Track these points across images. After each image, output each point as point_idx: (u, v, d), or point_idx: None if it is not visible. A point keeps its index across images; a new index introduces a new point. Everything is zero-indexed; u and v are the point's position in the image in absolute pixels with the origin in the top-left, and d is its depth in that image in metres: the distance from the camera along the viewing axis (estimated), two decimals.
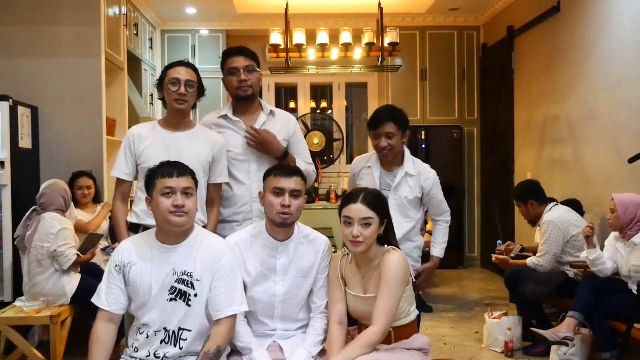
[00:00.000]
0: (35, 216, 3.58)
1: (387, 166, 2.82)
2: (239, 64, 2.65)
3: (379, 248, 2.19)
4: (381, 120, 2.71)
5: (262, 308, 2.27)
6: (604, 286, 3.30)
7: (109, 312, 2.13)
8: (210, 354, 2.02)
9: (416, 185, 2.78)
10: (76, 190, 4.10)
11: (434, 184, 2.83)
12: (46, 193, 3.62)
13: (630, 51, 4.14)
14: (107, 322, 2.13)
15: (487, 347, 3.95)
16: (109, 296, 2.14)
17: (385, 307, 2.05)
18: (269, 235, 2.27)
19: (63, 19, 4.55)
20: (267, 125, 2.71)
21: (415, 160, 2.85)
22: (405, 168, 2.78)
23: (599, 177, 4.57)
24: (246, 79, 2.65)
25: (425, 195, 2.82)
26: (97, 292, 2.18)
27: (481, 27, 7.11)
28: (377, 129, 2.71)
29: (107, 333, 2.12)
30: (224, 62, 2.72)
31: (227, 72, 2.70)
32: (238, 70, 2.65)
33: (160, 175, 2.11)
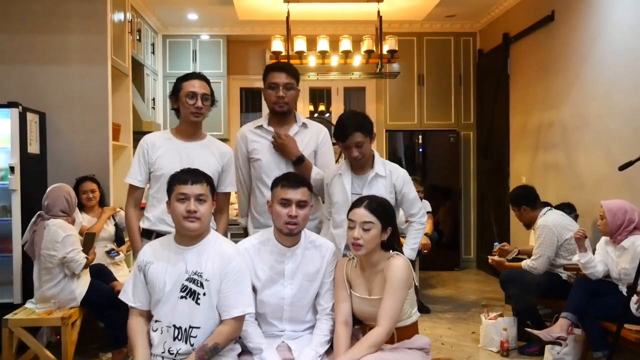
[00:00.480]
0: (40, 222, 3.67)
1: (357, 171, 2.82)
2: (279, 80, 2.81)
3: (383, 253, 2.31)
4: (348, 131, 2.71)
5: (271, 310, 2.39)
6: (595, 288, 3.43)
7: (137, 309, 2.29)
8: (207, 347, 2.16)
9: (388, 184, 2.79)
10: (81, 195, 4.19)
11: (405, 182, 2.82)
12: (50, 195, 3.72)
13: (622, 61, 4.28)
14: (137, 316, 2.30)
15: (483, 347, 4.08)
16: (135, 294, 2.30)
17: (390, 309, 2.18)
18: (277, 242, 2.39)
19: (71, 28, 4.66)
20: (298, 137, 2.88)
21: (385, 162, 2.88)
22: (375, 169, 2.79)
23: (591, 181, 4.71)
24: (284, 96, 2.81)
25: (397, 193, 2.81)
26: (124, 289, 2.35)
27: (477, 34, 7.25)
28: (345, 141, 2.73)
29: (141, 324, 2.29)
30: (266, 75, 2.88)
31: (268, 86, 2.85)
32: (278, 86, 2.81)
33: (177, 182, 2.25)
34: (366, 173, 2.78)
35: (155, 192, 2.77)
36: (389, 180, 2.78)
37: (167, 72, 7.11)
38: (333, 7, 5.83)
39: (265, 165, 2.87)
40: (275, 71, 2.84)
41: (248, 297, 2.26)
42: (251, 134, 2.93)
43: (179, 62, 7.13)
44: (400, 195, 2.80)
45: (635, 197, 4.11)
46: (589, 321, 3.38)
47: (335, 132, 2.79)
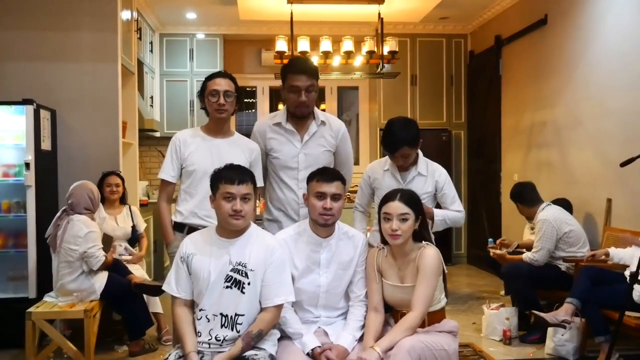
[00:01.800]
0: (65, 216, 3.76)
1: (402, 168, 3.03)
2: (301, 83, 2.76)
3: (414, 243, 2.47)
4: (397, 145, 2.87)
5: (308, 298, 2.52)
6: (599, 276, 3.63)
7: (181, 298, 2.38)
8: (252, 334, 2.28)
9: (430, 182, 2.98)
10: (105, 188, 4.26)
11: (447, 181, 3.03)
12: (73, 193, 3.79)
13: (614, 63, 4.51)
14: (182, 306, 2.39)
15: (486, 336, 4.26)
16: (178, 284, 2.39)
17: (424, 295, 2.34)
18: (313, 233, 2.53)
19: (82, 25, 4.73)
20: (317, 135, 2.91)
21: (428, 162, 3.06)
22: (418, 168, 2.99)
23: (584, 179, 4.94)
24: (305, 101, 2.79)
25: (438, 190, 3.01)
26: (167, 281, 2.43)
27: (468, 35, 7.47)
28: (394, 153, 2.88)
29: (187, 313, 2.38)
30: (285, 75, 2.83)
31: (289, 89, 2.80)
32: (300, 90, 2.76)
33: (224, 180, 2.34)
34: (409, 170, 2.96)
35: (187, 187, 2.87)
36: (430, 178, 2.97)
37: (164, 71, 7.18)
38: (335, 8, 5.96)
39: (283, 163, 2.91)
40: (296, 74, 2.77)
41: (289, 286, 2.39)
42: (270, 130, 2.94)
43: (176, 61, 7.21)
44: (441, 193, 3.00)
45: (627, 194, 4.35)
46: (591, 308, 3.56)
47: (385, 140, 2.90)
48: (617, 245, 4.25)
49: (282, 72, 2.88)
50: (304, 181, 2.71)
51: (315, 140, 2.93)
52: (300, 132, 2.91)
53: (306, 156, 2.89)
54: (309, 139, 2.91)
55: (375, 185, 3.11)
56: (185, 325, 2.34)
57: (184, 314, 2.37)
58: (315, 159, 2.88)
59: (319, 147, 2.93)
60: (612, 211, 4.54)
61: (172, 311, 2.42)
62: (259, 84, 7.86)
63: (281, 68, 2.92)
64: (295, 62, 2.92)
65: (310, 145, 2.91)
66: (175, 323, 2.39)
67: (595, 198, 4.74)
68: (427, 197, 2.96)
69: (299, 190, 2.85)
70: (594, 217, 4.77)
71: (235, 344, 2.27)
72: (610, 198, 4.55)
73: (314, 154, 2.90)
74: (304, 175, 2.74)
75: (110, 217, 4.24)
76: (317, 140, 2.93)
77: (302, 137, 2.91)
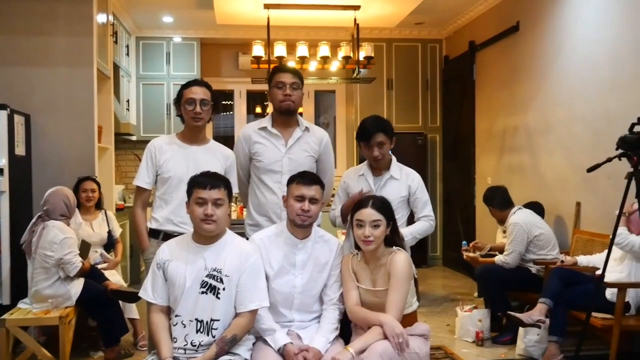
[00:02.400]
0: (40, 222, 3.74)
1: (376, 172, 3.06)
2: (286, 79, 2.91)
3: (386, 248, 2.53)
4: (372, 131, 2.94)
5: (282, 299, 2.57)
6: (570, 277, 3.73)
7: (157, 305, 2.41)
8: (226, 339, 2.33)
9: (403, 186, 3.02)
10: (80, 193, 4.23)
11: (420, 186, 3.07)
12: (49, 199, 3.77)
13: (583, 71, 4.63)
14: (158, 312, 2.41)
15: (459, 338, 4.34)
16: (155, 291, 2.42)
17: (397, 300, 2.41)
18: (290, 234, 2.58)
19: (57, 30, 4.70)
20: (301, 140, 2.99)
21: (401, 166, 3.12)
22: (390, 172, 3.03)
23: (554, 183, 5.06)
24: (290, 94, 2.90)
25: (411, 195, 3.04)
26: (144, 287, 2.46)
27: (443, 41, 7.58)
28: (369, 140, 2.95)
29: (163, 319, 2.40)
30: (272, 76, 2.97)
31: (274, 85, 2.93)
32: (285, 85, 2.90)
33: (196, 186, 2.39)
34: (382, 175, 3.00)
35: (162, 193, 2.89)
36: (404, 182, 3.00)
37: (141, 74, 7.16)
38: (311, 13, 6.01)
39: (267, 166, 2.97)
40: (281, 72, 2.96)
41: (263, 291, 2.44)
42: (255, 135, 3.00)
43: (152, 64, 7.19)
44: (414, 198, 3.02)
45: (595, 197, 4.47)
46: (560, 308, 3.66)
47: (359, 133, 2.99)
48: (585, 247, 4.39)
49: (269, 76, 3.02)
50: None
51: (299, 146, 3.00)
52: (285, 136, 2.98)
53: (290, 160, 2.95)
54: (294, 144, 2.98)
55: (348, 191, 3.14)
56: (161, 331, 2.37)
57: (160, 320, 2.40)
58: (299, 163, 2.94)
59: (303, 152, 3.00)
60: (581, 214, 4.66)
61: (148, 317, 2.44)
62: (236, 87, 7.87)
63: (269, 74, 3.05)
64: (280, 65, 3.13)
65: (295, 150, 2.98)
66: (151, 329, 2.41)
67: (565, 202, 4.86)
68: (402, 202, 3.00)
69: (281, 194, 2.88)
70: (563, 220, 4.90)
71: (209, 349, 2.30)
72: (579, 202, 4.67)
73: (297, 159, 2.97)
74: (287, 179, 2.81)
75: (86, 223, 4.21)
76: (301, 146, 3.00)
77: (287, 142, 2.98)
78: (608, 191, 4.21)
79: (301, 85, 2.97)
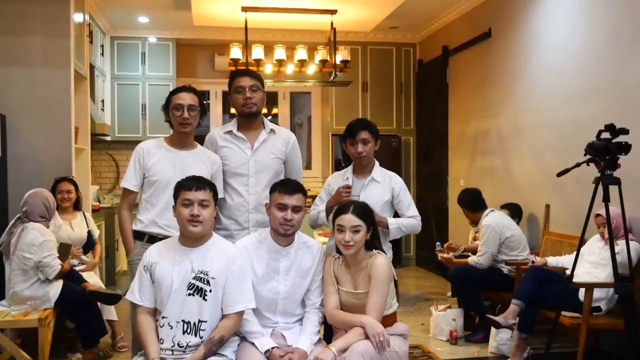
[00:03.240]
0: (20, 224, 3.72)
1: (359, 173, 3.14)
2: (245, 83, 2.92)
3: (366, 252, 2.61)
4: (357, 129, 3.04)
5: (266, 304, 2.62)
6: (544, 277, 3.86)
7: (144, 307, 2.44)
8: (214, 340, 2.38)
9: (386, 189, 3.10)
10: (56, 195, 4.20)
11: (402, 189, 3.16)
12: (28, 201, 3.76)
13: (553, 77, 4.80)
14: (145, 314, 2.45)
15: (433, 337, 4.46)
16: (141, 293, 2.45)
17: (377, 302, 2.49)
18: (273, 241, 2.63)
19: (33, 30, 4.66)
20: (267, 142, 3.01)
21: (383, 170, 3.19)
22: (372, 174, 3.11)
23: (525, 186, 5.22)
24: (251, 97, 2.91)
25: (395, 197, 3.13)
26: (130, 290, 2.49)
27: (417, 45, 7.72)
28: (354, 137, 3.03)
29: (149, 320, 2.44)
30: (232, 81, 2.99)
31: (234, 91, 2.95)
32: (244, 89, 2.90)
33: (182, 188, 2.44)
34: (365, 177, 3.08)
35: (148, 196, 2.92)
36: (387, 185, 3.08)
37: (116, 74, 7.12)
38: (288, 16, 6.07)
39: (233, 169, 2.99)
40: (239, 76, 2.98)
41: (250, 293, 2.49)
42: (221, 139, 3.03)
43: (127, 64, 7.15)
44: (397, 200, 3.10)
45: (563, 200, 4.64)
46: (530, 307, 3.79)
47: (345, 131, 3.07)
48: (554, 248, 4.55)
49: (229, 82, 3.03)
50: (254, 187, 2.89)
51: (265, 148, 3.02)
52: (250, 139, 3.01)
53: (256, 162, 2.98)
54: (259, 146, 3.00)
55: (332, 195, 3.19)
56: (149, 333, 2.40)
57: (147, 321, 2.43)
58: (265, 165, 2.99)
59: (269, 154, 3.03)
60: (550, 216, 4.83)
61: (135, 319, 2.47)
62: (212, 88, 7.88)
63: (228, 82, 3.05)
64: (238, 69, 3.12)
65: (261, 152, 3.01)
66: (138, 331, 2.44)
67: (535, 204, 5.02)
68: (385, 205, 3.08)
69: (248, 197, 2.94)
70: (534, 221, 5.06)
71: (197, 350, 2.35)
72: (548, 204, 4.84)
73: (263, 161, 3.00)
74: (254, 181, 2.90)
75: (65, 223, 4.20)
76: (267, 148, 3.03)
77: (253, 145, 3.00)
78: (576, 194, 4.37)
79: (261, 86, 2.97)
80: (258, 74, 3.06)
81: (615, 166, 3.09)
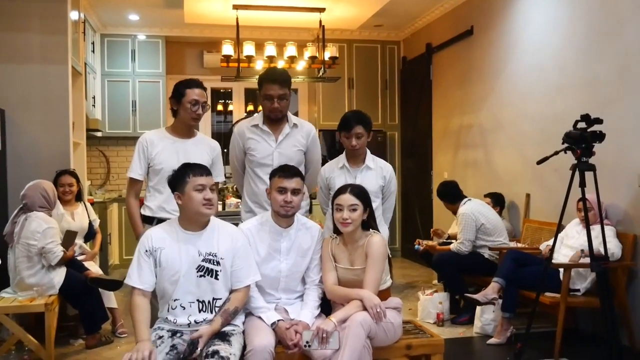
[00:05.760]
0: (22, 214, 3.85)
1: (352, 164, 3.33)
2: (274, 92, 3.10)
3: (363, 231, 2.81)
4: (352, 123, 3.23)
5: (270, 282, 2.81)
6: (522, 259, 4.11)
7: (142, 290, 2.55)
8: (230, 311, 2.57)
9: (379, 176, 3.34)
10: (58, 188, 4.33)
11: (392, 177, 3.41)
12: (27, 194, 3.89)
13: (532, 73, 5.04)
14: (141, 296, 2.55)
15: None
16: (141, 276, 2.55)
17: (373, 278, 2.69)
18: (274, 223, 2.82)
19: (32, 27, 4.80)
20: (290, 136, 3.25)
21: (375, 158, 3.42)
22: (366, 163, 3.33)
23: (506, 176, 5.47)
24: (278, 107, 3.13)
25: (385, 184, 3.37)
26: (129, 274, 2.58)
27: (401, 42, 7.94)
28: (349, 131, 3.22)
29: (144, 302, 2.54)
30: (261, 85, 3.16)
31: (263, 97, 3.15)
32: (272, 98, 3.11)
33: (192, 174, 2.58)
34: (359, 166, 3.30)
35: (155, 184, 3.11)
36: (379, 173, 3.33)
37: (106, 71, 7.23)
38: (278, 14, 6.24)
39: (259, 160, 3.23)
40: (269, 83, 3.12)
41: (254, 267, 2.69)
42: (248, 132, 3.26)
43: (117, 61, 7.27)
44: (386, 186, 3.37)
45: (542, 189, 4.89)
46: (512, 287, 4.04)
47: (341, 123, 3.26)
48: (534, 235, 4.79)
49: (259, 80, 3.23)
50: None
51: (288, 141, 3.26)
52: (275, 133, 3.24)
53: (280, 154, 3.22)
54: (283, 140, 3.24)
55: (331, 184, 3.37)
56: (141, 314, 2.50)
57: (142, 303, 2.52)
58: (288, 157, 3.20)
59: (292, 146, 3.27)
60: (531, 205, 5.08)
61: (131, 300, 2.54)
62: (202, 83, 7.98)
63: (259, 77, 3.26)
64: (269, 72, 3.28)
65: (284, 145, 3.24)
66: (133, 311, 2.51)
67: (516, 193, 5.27)
68: (378, 191, 3.32)
69: None
70: (515, 210, 5.31)
71: (214, 321, 2.53)
72: (528, 193, 5.09)
73: (287, 153, 3.23)
74: None
75: (67, 213, 4.33)
76: (290, 141, 3.27)
77: (277, 138, 3.24)
78: (554, 183, 4.62)
79: (289, 92, 3.18)
80: (287, 77, 3.18)
81: (591, 153, 3.33)
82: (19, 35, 4.79)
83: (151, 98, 7.24)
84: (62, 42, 4.85)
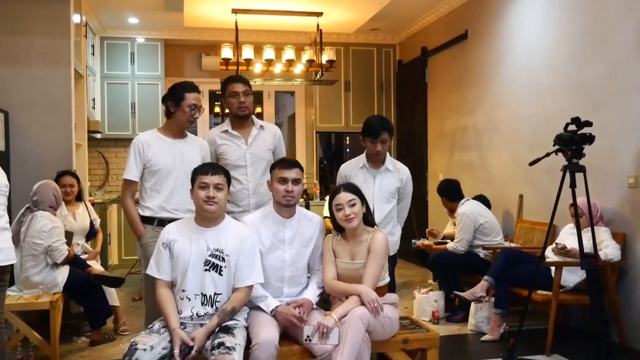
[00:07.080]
0: (29, 213, 3.94)
1: (374, 165, 3.47)
2: (238, 89, 3.34)
3: (365, 227, 2.92)
4: (379, 130, 3.35)
5: (274, 272, 2.91)
6: (514, 257, 4.23)
7: (163, 280, 2.70)
8: (226, 311, 2.65)
9: (396, 177, 3.48)
10: (59, 188, 4.42)
11: (408, 178, 3.55)
12: (39, 192, 3.99)
13: (526, 76, 5.16)
14: (164, 287, 2.70)
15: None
16: (160, 267, 2.71)
17: (373, 273, 2.80)
18: (277, 214, 2.94)
19: (35, 30, 4.88)
20: (258, 137, 3.45)
21: (393, 160, 3.57)
22: (385, 165, 3.47)
23: (500, 177, 5.59)
24: (244, 101, 3.35)
25: (402, 185, 3.51)
26: (150, 266, 2.74)
27: (397, 46, 8.06)
28: (376, 137, 3.34)
29: (169, 293, 2.69)
30: (226, 86, 3.39)
31: (229, 95, 3.37)
32: (238, 94, 3.34)
33: (199, 173, 2.72)
34: (379, 168, 3.44)
35: (152, 185, 3.18)
36: (396, 174, 3.48)
37: (105, 73, 7.31)
38: (276, 18, 6.34)
39: (233, 163, 3.38)
40: (233, 82, 3.39)
41: (259, 269, 2.78)
42: (219, 138, 3.44)
43: (116, 64, 7.35)
44: (403, 187, 3.51)
45: (535, 190, 5.00)
46: (503, 284, 4.16)
47: (366, 130, 3.38)
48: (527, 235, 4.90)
49: (222, 86, 3.45)
50: (252, 175, 3.35)
51: (257, 142, 3.46)
52: (244, 136, 3.43)
53: (251, 155, 3.41)
54: (252, 141, 3.44)
55: None
56: (168, 304, 2.64)
57: (166, 294, 2.68)
58: (259, 157, 3.42)
59: (261, 147, 3.47)
60: (524, 205, 5.20)
61: (155, 292, 2.70)
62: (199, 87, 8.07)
63: (221, 85, 3.47)
64: (231, 76, 3.53)
65: (254, 146, 3.44)
66: (158, 303, 2.67)
67: (509, 194, 5.39)
68: (395, 191, 3.47)
69: (248, 184, 3.37)
70: (509, 210, 5.43)
71: (211, 320, 2.62)
72: (521, 194, 5.21)
73: (257, 153, 3.43)
74: (251, 170, 3.36)
75: (69, 214, 4.42)
76: (258, 142, 3.47)
77: (247, 140, 3.43)
78: (546, 184, 4.74)
79: (251, 90, 3.41)
80: (247, 79, 3.46)
81: (581, 155, 3.44)
82: (23, 38, 4.87)
83: (150, 100, 7.31)
84: (65, 44, 4.94)
